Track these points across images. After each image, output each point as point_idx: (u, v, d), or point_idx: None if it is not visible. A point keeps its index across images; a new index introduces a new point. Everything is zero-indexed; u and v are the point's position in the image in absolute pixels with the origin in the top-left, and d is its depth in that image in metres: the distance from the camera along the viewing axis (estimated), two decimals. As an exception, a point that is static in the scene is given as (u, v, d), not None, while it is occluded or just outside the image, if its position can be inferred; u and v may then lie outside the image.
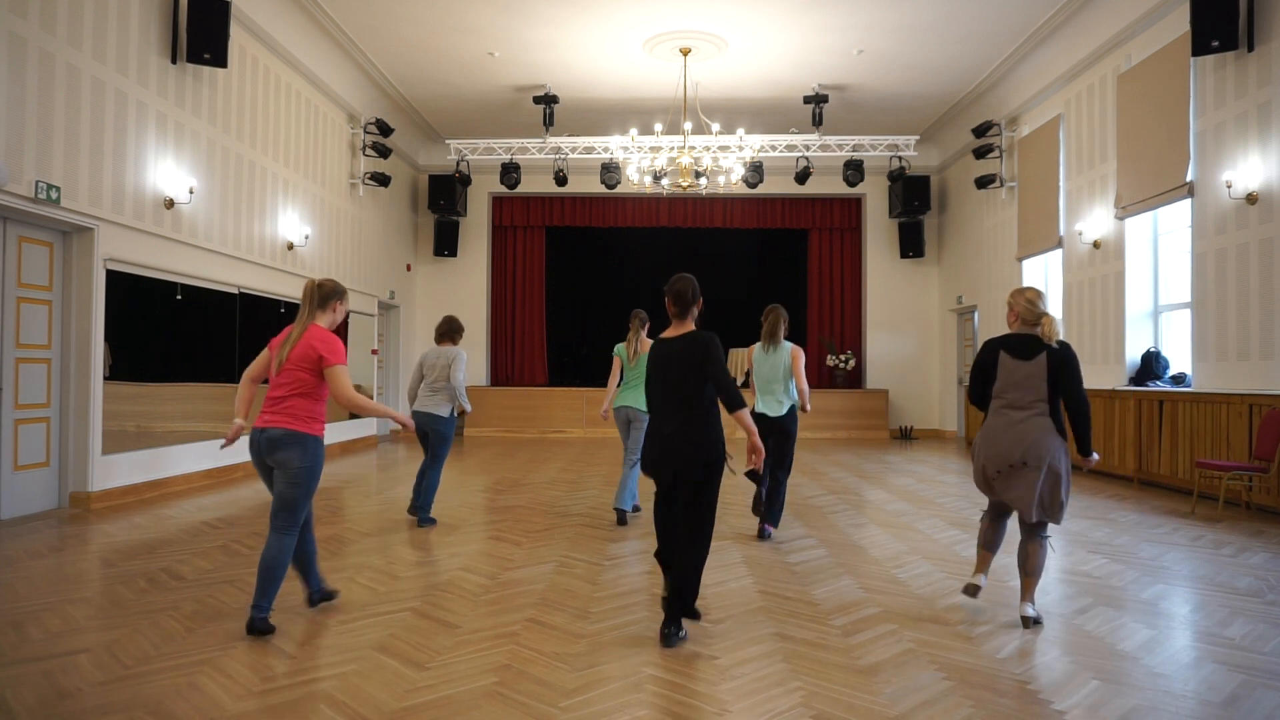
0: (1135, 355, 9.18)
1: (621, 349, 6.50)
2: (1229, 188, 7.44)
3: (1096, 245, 9.80)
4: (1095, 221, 9.86)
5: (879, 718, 2.86)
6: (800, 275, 16.37)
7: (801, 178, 13.02)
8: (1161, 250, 9.23)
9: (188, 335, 8.34)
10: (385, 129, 12.39)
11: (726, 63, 11.14)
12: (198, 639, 3.62)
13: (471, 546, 5.58)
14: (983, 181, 12.52)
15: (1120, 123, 9.22)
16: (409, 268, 14.97)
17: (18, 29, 6.02)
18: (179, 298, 8.07)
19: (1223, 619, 4.00)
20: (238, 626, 3.79)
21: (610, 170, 13.04)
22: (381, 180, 12.58)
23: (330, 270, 11.46)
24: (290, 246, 10.19)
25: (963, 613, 4.07)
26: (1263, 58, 7.19)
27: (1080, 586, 4.60)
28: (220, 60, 7.98)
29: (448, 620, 3.92)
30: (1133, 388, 8.88)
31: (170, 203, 7.77)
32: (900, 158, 13.99)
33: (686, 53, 10.66)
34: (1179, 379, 8.51)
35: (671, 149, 10.93)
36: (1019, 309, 4.03)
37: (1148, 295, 9.25)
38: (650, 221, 15.75)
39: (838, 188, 14.70)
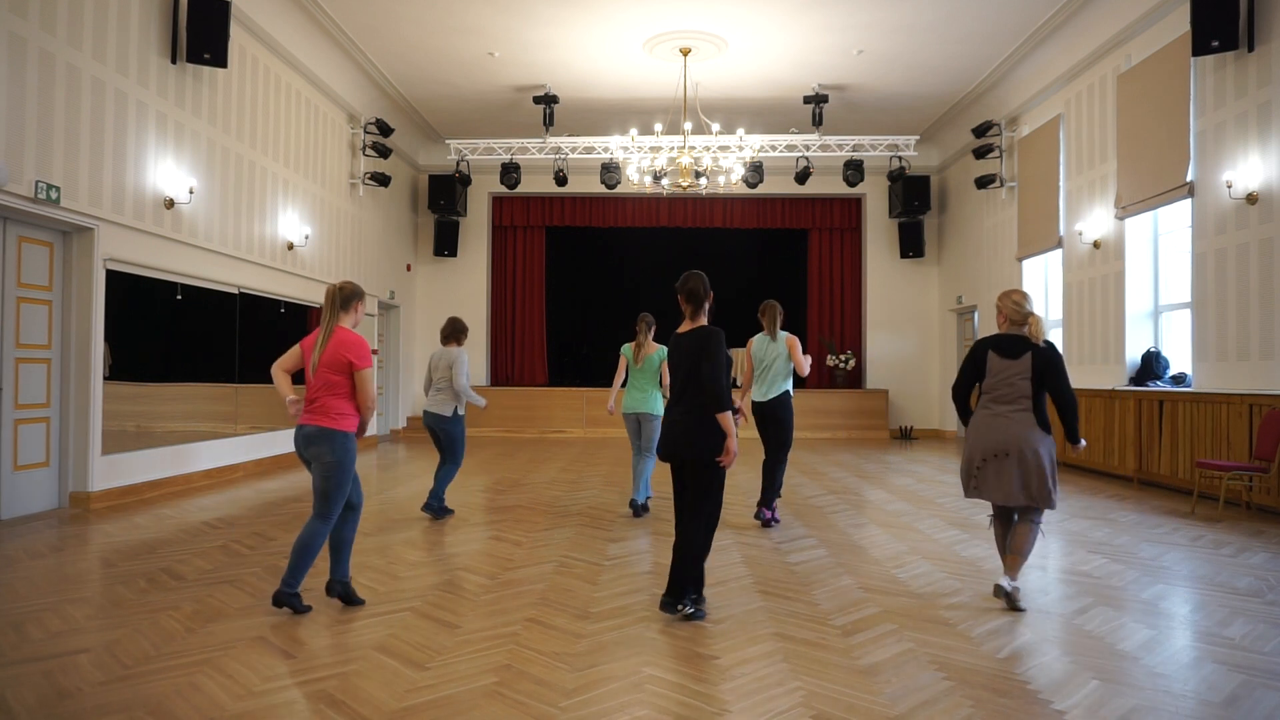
0: (1135, 355, 9.18)
1: (628, 349, 6.75)
2: (1229, 188, 7.44)
3: (1096, 245, 9.80)
4: (1095, 221, 9.86)
5: (879, 718, 2.86)
6: (800, 275, 16.37)
7: (801, 178, 13.02)
8: (1161, 250, 9.23)
9: (188, 335, 8.33)
10: (385, 129, 12.39)
11: (726, 63, 11.14)
12: (198, 639, 3.62)
13: (471, 546, 5.58)
14: (983, 181, 12.52)
15: (1120, 123, 9.22)
16: (409, 268, 14.97)
17: (18, 29, 6.02)
18: (179, 298, 8.07)
19: (1223, 619, 4.00)
20: (238, 626, 3.79)
21: (610, 170, 13.04)
22: (381, 180, 12.58)
23: (330, 270, 11.46)
24: (290, 246, 10.19)
25: (963, 613, 4.07)
26: (1263, 58, 7.19)
27: (1080, 586, 4.60)
28: (220, 60, 7.98)
29: (448, 620, 3.92)
30: (1133, 388, 8.88)
31: (170, 203, 7.77)
32: (900, 158, 13.99)
33: (686, 53, 10.66)
34: (1179, 379, 8.51)
35: (671, 149, 10.93)
36: (1007, 310, 4.29)
37: (1148, 295, 9.25)
38: (650, 221, 15.75)
39: (838, 188, 14.70)
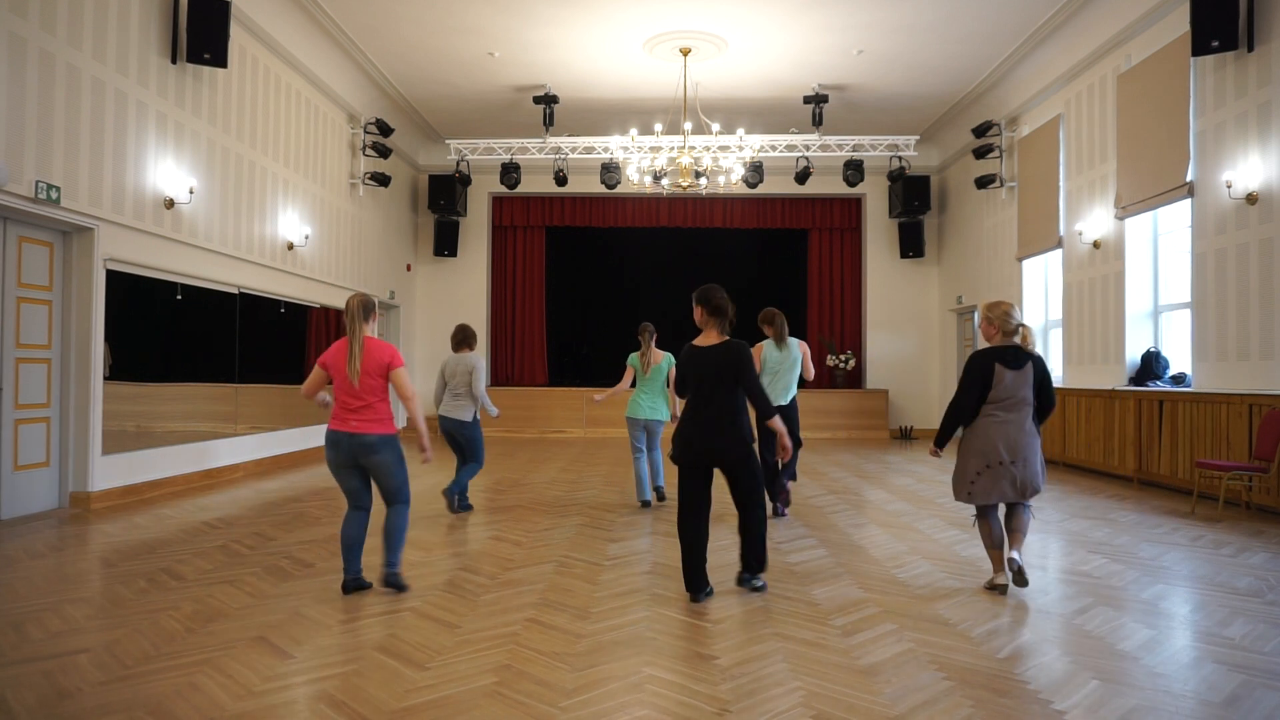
0: (1135, 355, 9.18)
1: (636, 360, 7.15)
2: (1229, 188, 7.44)
3: (1096, 245, 9.80)
4: (1095, 221, 9.86)
5: (879, 718, 2.86)
6: (800, 275, 16.36)
7: (801, 178, 13.01)
8: (1161, 250, 9.23)
9: (188, 335, 8.34)
10: (385, 129, 12.39)
11: (726, 63, 11.14)
12: (198, 639, 3.62)
13: (471, 546, 5.58)
14: (983, 181, 12.52)
15: (1120, 123, 9.22)
16: (409, 268, 14.98)
17: (18, 29, 6.02)
18: (179, 298, 8.07)
19: (1223, 619, 4.00)
20: (238, 626, 3.79)
21: (610, 170, 13.04)
22: (381, 180, 12.58)
23: (330, 270, 11.47)
24: (290, 246, 10.19)
25: (963, 613, 4.07)
26: (1263, 58, 7.19)
27: (1080, 586, 4.60)
28: (220, 60, 7.98)
29: (448, 620, 3.92)
30: (1133, 388, 8.88)
31: (170, 203, 7.77)
32: (900, 158, 13.99)
33: (686, 53, 10.66)
34: (1179, 379, 8.51)
35: (671, 149, 10.93)
36: (999, 322, 4.40)
37: (1148, 295, 9.25)
38: (650, 221, 15.75)
39: (838, 188, 14.70)
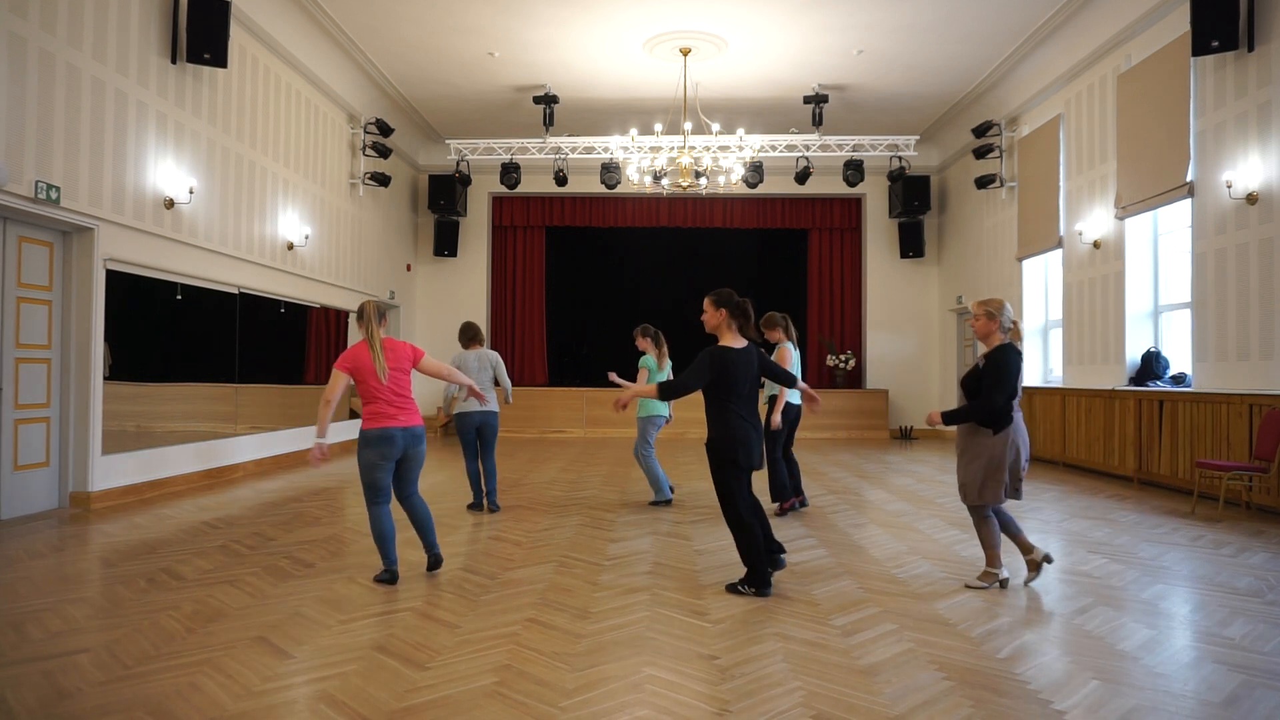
0: (1135, 355, 9.18)
1: (652, 361, 7.29)
2: (1229, 188, 7.44)
3: (1096, 245, 9.80)
4: (1095, 221, 9.86)
5: (879, 718, 2.86)
6: (800, 275, 16.36)
7: (801, 178, 13.01)
8: (1161, 250, 9.23)
9: (188, 335, 8.34)
10: (385, 129, 12.39)
11: (726, 63, 11.14)
12: (198, 639, 3.62)
13: (471, 546, 5.58)
14: (983, 181, 12.52)
15: (1120, 123, 9.22)
16: (409, 268, 14.98)
17: (18, 29, 6.02)
18: (179, 298, 8.07)
19: (1223, 619, 4.00)
20: (238, 626, 3.79)
21: (610, 170, 13.04)
22: (381, 180, 12.58)
23: (330, 270, 11.47)
24: (290, 246, 10.19)
25: (963, 612, 4.07)
26: (1263, 58, 7.19)
27: (1080, 586, 4.60)
28: (220, 60, 7.98)
29: (448, 620, 3.92)
30: (1133, 388, 8.88)
31: (170, 203, 7.77)
32: (900, 158, 13.99)
33: (686, 53, 10.66)
34: (1179, 379, 8.51)
35: (671, 149, 10.93)
36: (1000, 318, 4.49)
37: (1148, 295, 9.25)
38: (650, 221, 15.75)
39: (838, 188, 14.70)
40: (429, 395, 14.86)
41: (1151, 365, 8.80)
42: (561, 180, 13.46)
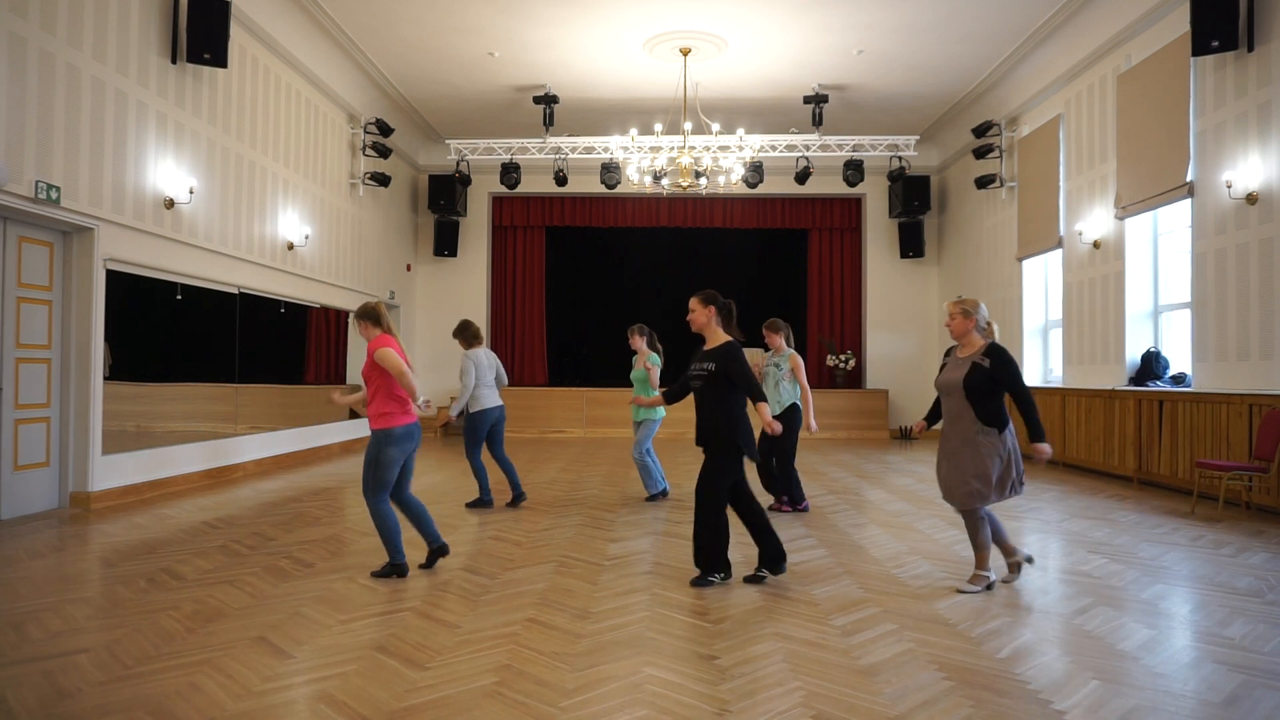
0: (1135, 355, 9.18)
1: (657, 359, 7.38)
2: (1229, 188, 7.43)
3: (1096, 245, 9.80)
4: (1095, 221, 9.86)
5: (879, 718, 2.86)
6: (800, 275, 16.36)
7: (801, 178, 13.01)
8: (1161, 250, 9.23)
9: (188, 335, 8.33)
10: (385, 129, 12.39)
11: (726, 63, 11.14)
12: (198, 639, 3.62)
13: (471, 546, 5.58)
14: (983, 181, 12.52)
15: (1120, 123, 9.22)
16: (409, 268, 14.98)
17: (18, 29, 6.02)
18: (179, 298, 8.07)
19: (1223, 619, 4.00)
20: (238, 626, 3.79)
21: (610, 170, 13.04)
22: (381, 180, 12.58)
23: (330, 270, 11.47)
24: (290, 246, 10.19)
25: (963, 612, 4.07)
26: (1263, 58, 7.19)
27: (1080, 586, 4.60)
28: (220, 60, 7.98)
29: (448, 620, 3.92)
30: (1133, 388, 8.88)
31: (170, 203, 7.77)
32: (900, 158, 13.99)
33: (686, 53, 10.66)
34: (1179, 379, 8.51)
35: (671, 149, 10.93)
36: (976, 316, 4.50)
37: (1148, 295, 9.25)
38: (650, 221, 15.75)
39: (838, 188, 14.69)
40: (425, 395, 14.85)
41: (1151, 365, 8.80)
42: (561, 180, 13.46)
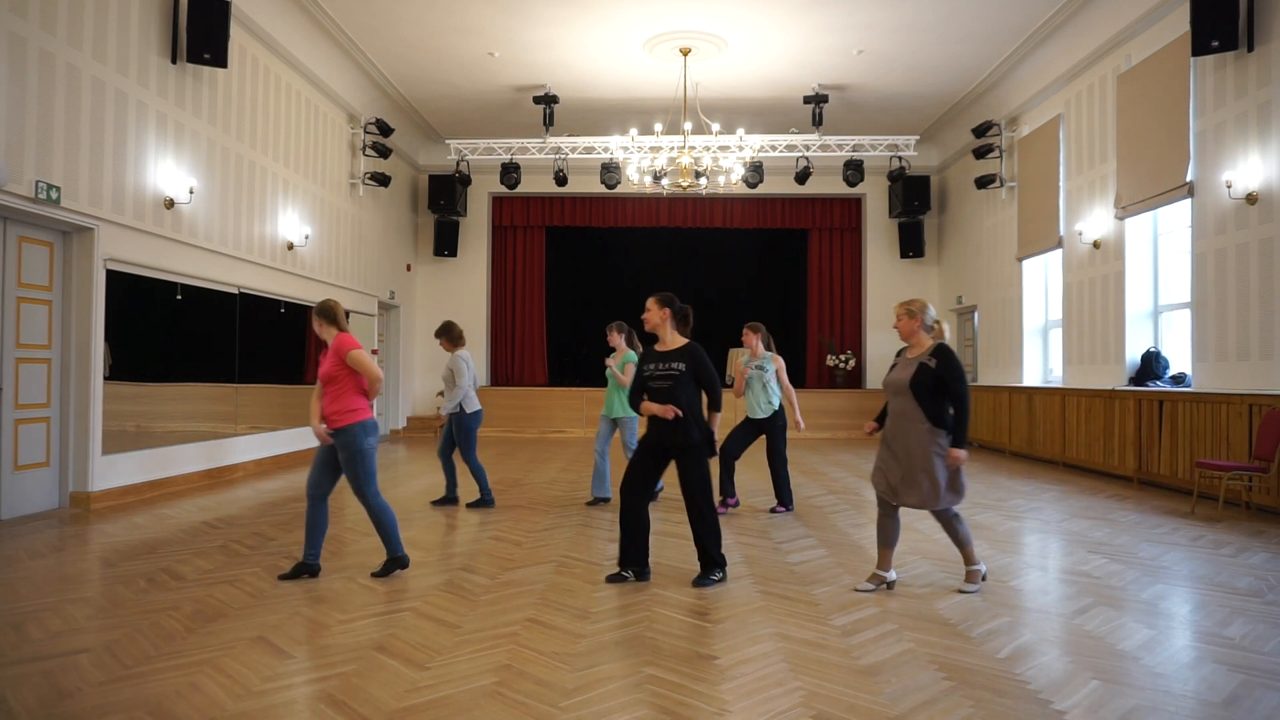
0: (1135, 355, 9.18)
1: (634, 357, 7.09)
2: (1229, 188, 7.44)
3: (1096, 245, 9.80)
4: (1095, 221, 9.86)
5: (879, 718, 2.86)
6: (800, 275, 16.36)
7: (801, 178, 13.01)
8: (1161, 250, 9.23)
9: (188, 335, 8.33)
10: (385, 129, 12.39)
11: (726, 63, 11.14)
12: (198, 639, 3.62)
13: (472, 546, 5.58)
14: (983, 181, 12.52)
15: (1120, 123, 9.22)
16: (409, 268, 14.98)
17: (18, 29, 6.02)
18: (179, 298, 8.07)
19: (1223, 619, 4.00)
20: (238, 626, 3.79)
21: (610, 170, 13.04)
22: (381, 180, 12.58)
23: (330, 270, 11.47)
24: (290, 246, 10.19)
25: (962, 612, 4.07)
26: (1263, 58, 7.19)
27: (1080, 586, 4.60)
28: (220, 60, 7.98)
29: (448, 620, 3.92)
30: (1133, 388, 8.88)
31: (170, 203, 7.77)
32: (900, 158, 13.99)
33: (686, 53, 10.66)
34: (1179, 379, 8.51)
35: (671, 149, 10.93)
36: (922, 316, 4.43)
37: (1148, 295, 9.25)
38: (650, 221, 15.75)
39: (838, 188, 14.69)
40: (425, 395, 14.87)
41: (1151, 365, 8.80)
42: (561, 180, 13.46)
